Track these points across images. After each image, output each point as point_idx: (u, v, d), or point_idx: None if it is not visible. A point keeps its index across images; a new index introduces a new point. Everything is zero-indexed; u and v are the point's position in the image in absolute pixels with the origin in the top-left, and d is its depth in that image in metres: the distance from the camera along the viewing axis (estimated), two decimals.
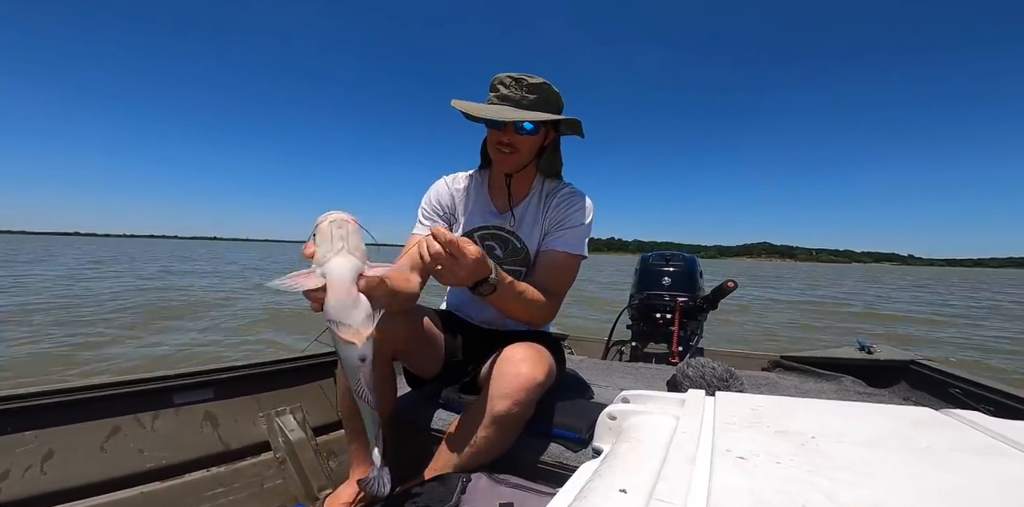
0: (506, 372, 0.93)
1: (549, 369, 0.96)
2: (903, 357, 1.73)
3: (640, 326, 2.37)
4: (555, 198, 1.18)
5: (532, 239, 1.18)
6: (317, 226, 0.66)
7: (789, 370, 1.91)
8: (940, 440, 0.42)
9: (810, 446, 0.40)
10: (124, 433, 1.03)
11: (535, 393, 0.92)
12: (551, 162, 1.19)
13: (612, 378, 1.69)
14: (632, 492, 0.33)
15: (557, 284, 1.12)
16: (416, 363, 1.17)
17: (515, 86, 1.04)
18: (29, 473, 0.90)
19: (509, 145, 1.07)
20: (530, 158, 1.13)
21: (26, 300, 6.87)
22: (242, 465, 1.15)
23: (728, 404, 0.54)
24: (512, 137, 1.06)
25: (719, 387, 1.35)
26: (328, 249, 0.64)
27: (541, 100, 1.06)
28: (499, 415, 0.91)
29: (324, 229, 0.65)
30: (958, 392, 1.40)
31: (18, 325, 4.98)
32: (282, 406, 1.28)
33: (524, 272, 1.19)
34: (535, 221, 1.18)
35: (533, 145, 1.11)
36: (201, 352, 4.25)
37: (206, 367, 1.19)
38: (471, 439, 0.93)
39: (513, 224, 1.18)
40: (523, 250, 1.18)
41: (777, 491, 0.31)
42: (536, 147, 1.12)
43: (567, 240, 1.14)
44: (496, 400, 0.91)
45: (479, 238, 1.20)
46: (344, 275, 0.64)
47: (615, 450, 0.44)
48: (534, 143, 1.10)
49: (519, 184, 1.19)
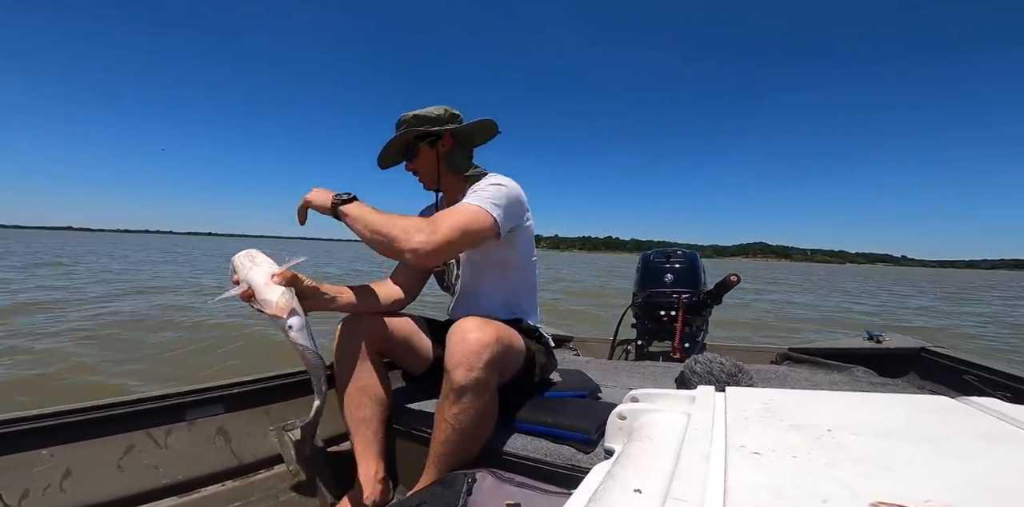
0: (453, 341, 0.93)
1: (499, 333, 0.95)
2: (913, 345, 1.72)
3: (644, 324, 2.36)
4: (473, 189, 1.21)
5: None
6: (232, 264, 1.00)
7: (798, 362, 1.90)
8: (958, 429, 0.42)
9: (826, 439, 0.39)
10: (139, 450, 1.03)
11: (487, 355, 0.91)
12: (454, 165, 1.29)
13: (620, 378, 1.68)
14: (647, 492, 0.33)
15: (442, 217, 1.06)
16: (404, 362, 1.28)
17: (398, 125, 1.25)
18: (49, 492, 0.91)
19: (414, 173, 1.30)
20: (435, 172, 1.28)
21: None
22: (256, 479, 1.15)
23: (739, 399, 0.53)
24: (411, 166, 1.29)
25: (728, 382, 1.34)
26: (245, 270, 0.97)
27: (402, 130, 1.23)
28: (458, 386, 0.90)
29: (236, 262, 1.00)
30: (972, 379, 1.38)
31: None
32: (292, 418, 1.28)
33: (453, 264, 1.33)
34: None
35: (425, 163, 1.28)
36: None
37: (216, 383, 1.19)
38: (445, 422, 0.94)
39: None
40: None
41: (796, 485, 0.31)
42: (432, 162, 1.28)
43: (470, 197, 1.13)
44: (451, 371, 0.91)
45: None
46: (258, 278, 0.94)
47: (627, 450, 0.44)
48: (425, 162, 1.28)
49: (454, 194, 1.29)
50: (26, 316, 5.18)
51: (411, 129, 1.22)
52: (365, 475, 1.10)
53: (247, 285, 0.94)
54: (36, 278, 9.21)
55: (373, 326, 1.15)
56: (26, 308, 5.71)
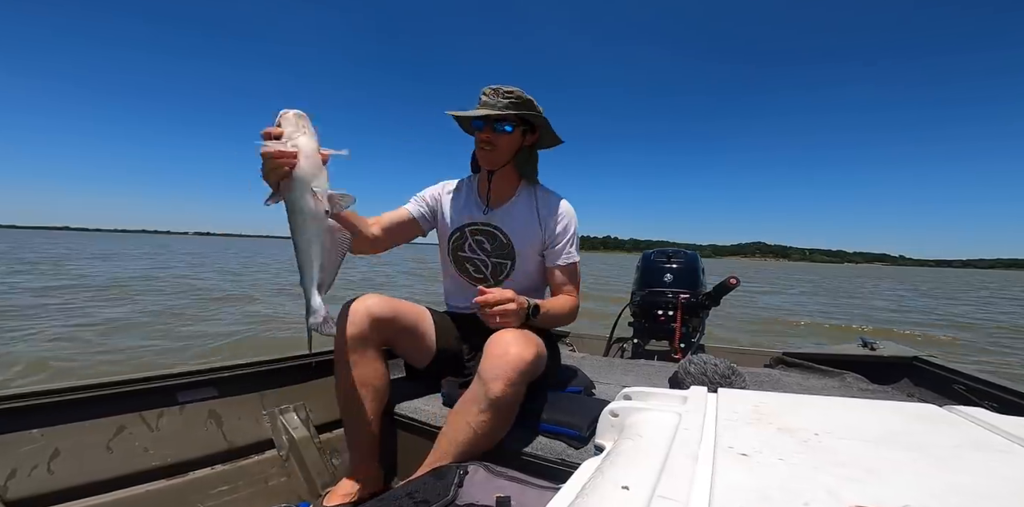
0: (495, 353, 0.96)
1: (538, 349, 1.01)
2: (906, 353, 1.73)
3: (642, 323, 2.37)
4: (547, 210, 1.31)
5: (523, 238, 1.30)
6: (282, 115, 0.83)
7: (792, 367, 1.91)
8: (944, 437, 0.42)
9: (813, 443, 0.40)
10: (130, 431, 1.03)
11: (526, 373, 0.96)
12: (526, 161, 1.31)
13: (614, 375, 1.69)
14: (635, 489, 0.33)
15: (571, 287, 1.33)
16: (408, 352, 1.27)
17: (493, 94, 1.20)
18: (36, 472, 0.91)
19: (489, 142, 1.22)
20: (509, 156, 1.26)
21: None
22: (246, 463, 1.16)
23: (731, 401, 0.54)
24: (491, 135, 1.21)
25: (721, 384, 1.35)
26: (295, 130, 0.82)
27: (515, 104, 1.20)
28: (494, 397, 0.93)
29: (290, 117, 0.83)
30: (962, 388, 1.39)
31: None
32: (285, 404, 1.28)
33: (509, 265, 1.32)
34: (527, 223, 1.31)
35: (510, 142, 1.24)
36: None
37: (209, 365, 1.19)
38: (468, 425, 0.95)
39: (498, 221, 1.31)
40: (508, 246, 1.31)
41: (780, 488, 0.31)
42: (514, 146, 1.26)
43: (568, 253, 1.31)
44: (489, 382, 0.93)
45: (469, 232, 1.33)
46: (312, 147, 0.83)
47: (617, 447, 0.44)
48: (511, 141, 1.24)
49: (502, 185, 1.32)
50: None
51: (525, 111, 1.21)
52: (358, 465, 1.11)
53: (293, 146, 0.81)
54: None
55: (379, 310, 1.13)
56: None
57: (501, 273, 1.33)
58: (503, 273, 1.33)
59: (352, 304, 1.13)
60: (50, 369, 3.31)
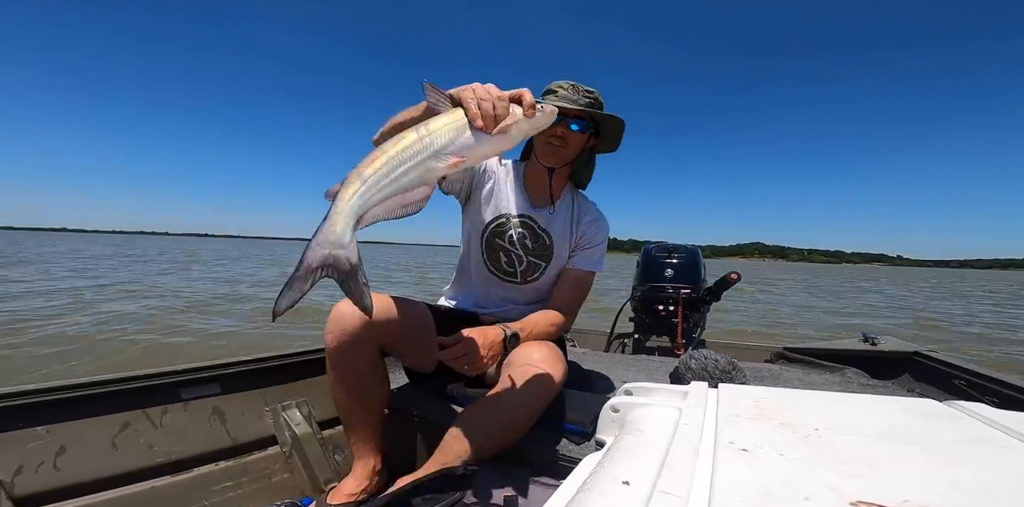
0: (527, 374, 0.95)
1: (565, 368, 1.01)
2: (907, 348, 1.73)
3: (643, 318, 2.37)
4: (586, 216, 1.29)
5: (560, 241, 1.27)
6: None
7: (792, 362, 1.91)
8: (944, 432, 0.42)
9: (814, 438, 0.40)
10: (134, 428, 1.04)
11: (554, 394, 0.96)
12: (585, 165, 1.28)
13: (615, 370, 1.69)
14: (635, 484, 0.33)
15: (576, 299, 1.27)
16: (410, 358, 1.20)
17: (572, 90, 1.14)
18: (42, 468, 0.91)
19: (561, 138, 1.15)
20: (574, 156, 1.21)
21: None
22: (250, 459, 1.17)
23: (731, 396, 0.54)
24: (566, 132, 1.14)
25: (722, 379, 1.35)
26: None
27: (593, 105, 1.16)
28: (519, 416, 0.93)
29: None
30: (963, 383, 1.39)
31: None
32: (288, 400, 1.29)
33: (543, 267, 1.27)
34: (565, 227, 1.28)
35: (579, 143, 1.19)
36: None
37: (212, 362, 1.20)
38: (483, 434, 0.93)
39: (546, 221, 1.26)
40: (550, 247, 1.26)
41: (781, 483, 0.31)
42: (581, 147, 1.20)
43: (591, 258, 1.28)
44: (518, 402, 0.93)
45: (516, 223, 1.26)
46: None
47: (618, 442, 0.44)
48: (581, 142, 1.19)
49: (558, 182, 1.26)
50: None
51: (604, 113, 1.17)
52: (363, 467, 1.10)
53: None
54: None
55: (376, 314, 0.99)
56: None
57: (533, 273, 1.27)
58: (535, 273, 1.27)
59: (340, 306, 1.02)
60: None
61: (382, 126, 0.92)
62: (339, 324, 1.01)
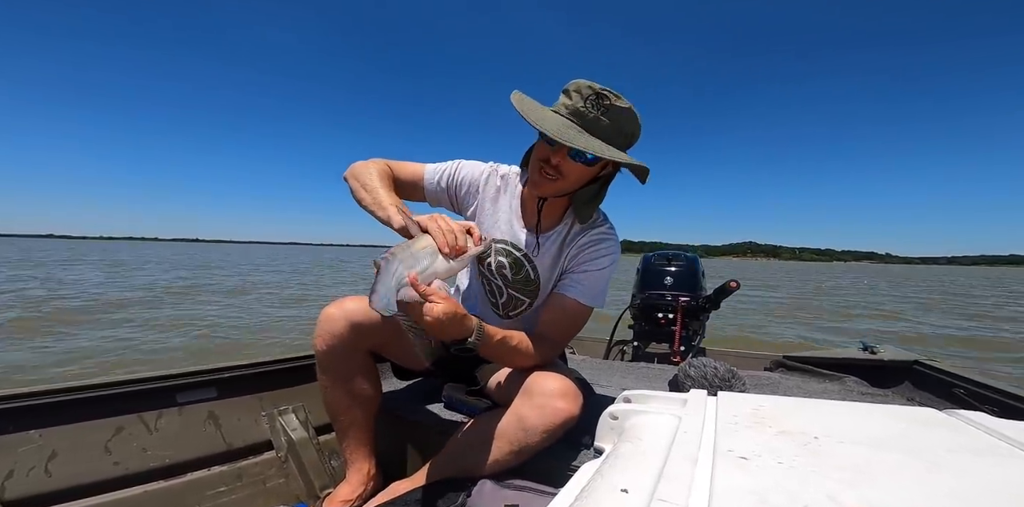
0: (544, 406, 0.88)
1: (579, 399, 0.92)
2: (907, 357, 1.73)
3: (642, 326, 2.37)
4: (584, 237, 1.04)
5: (548, 277, 1.07)
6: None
7: (792, 370, 1.90)
8: (944, 441, 0.42)
9: (813, 447, 0.40)
10: (128, 432, 1.03)
11: (570, 427, 0.90)
12: (592, 196, 1.01)
13: (614, 378, 1.69)
14: (634, 492, 0.33)
15: (562, 332, 1.04)
16: (401, 358, 1.17)
17: (593, 102, 0.87)
18: (33, 472, 0.90)
19: (556, 169, 0.91)
20: (574, 189, 0.98)
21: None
22: (245, 464, 1.16)
23: (730, 404, 0.54)
24: (563, 161, 0.90)
25: (721, 387, 1.34)
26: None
27: (614, 128, 0.89)
28: (532, 445, 0.89)
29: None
30: (962, 392, 1.39)
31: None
32: (284, 405, 1.28)
33: (527, 304, 1.10)
34: (557, 257, 1.06)
35: (582, 176, 0.95)
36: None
37: (209, 366, 1.19)
38: (489, 453, 0.91)
39: (536, 252, 1.06)
40: (534, 282, 1.07)
41: (779, 492, 0.31)
42: (584, 179, 0.96)
43: (585, 287, 1.02)
44: (533, 432, 0.88)
45: (495, 251, 1.08)
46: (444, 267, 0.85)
47: (617, 450, 0.44)
48: (584, 174, 0.94)
49: (551, 211, 1.04)
50: None
51: (628, 161, 0.91)
52: (357, 472, 1.09)
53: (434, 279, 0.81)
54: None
55: (361, 316, 0.98)
56: None
57: (515, 308, 1.12)
58: (517, 309, 1.12)
59: (328, 309, 1.01)
60: None
61: (353, 169, 1.01)
62: (327, 327, 0.99)
